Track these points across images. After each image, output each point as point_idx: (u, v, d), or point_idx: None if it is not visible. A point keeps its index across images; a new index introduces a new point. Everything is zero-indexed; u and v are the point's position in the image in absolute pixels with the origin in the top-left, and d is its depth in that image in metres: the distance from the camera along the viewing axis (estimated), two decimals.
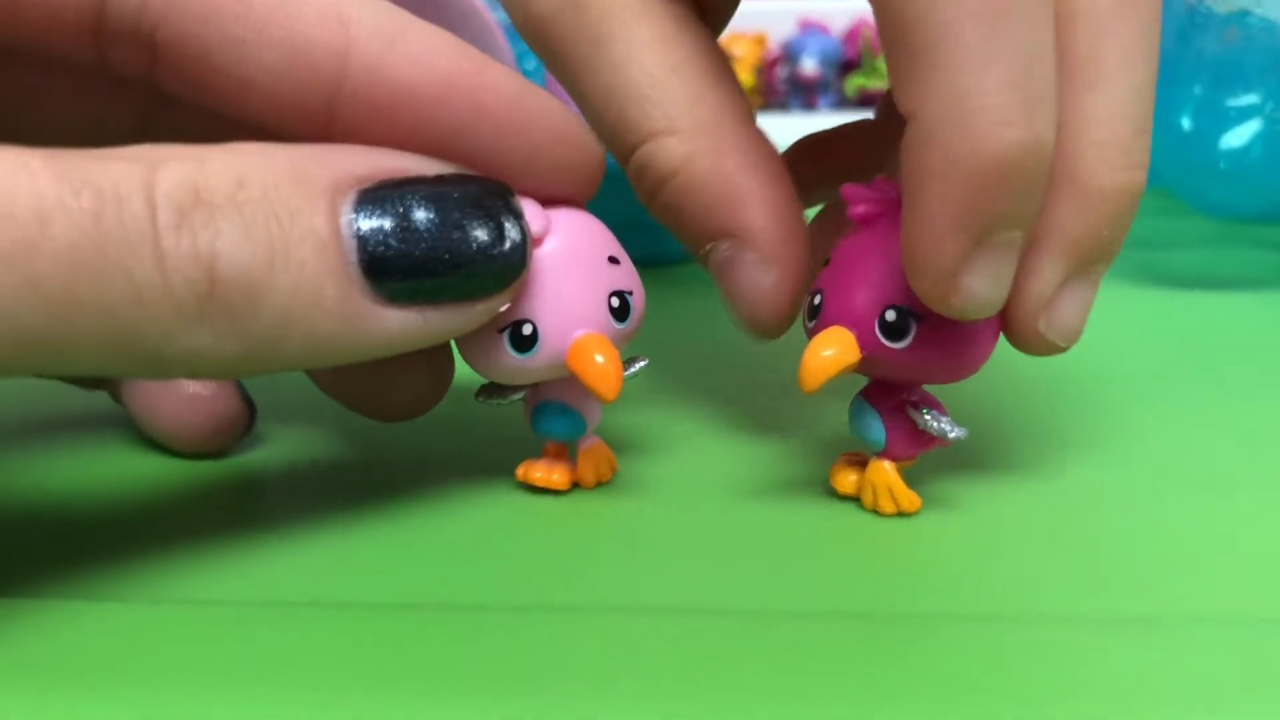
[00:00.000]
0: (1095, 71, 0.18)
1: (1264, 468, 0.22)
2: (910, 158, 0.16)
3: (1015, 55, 0.15)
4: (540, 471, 0.20)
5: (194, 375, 0.16)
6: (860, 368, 0.18)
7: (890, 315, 0.18)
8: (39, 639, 0.16)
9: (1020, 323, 0.18)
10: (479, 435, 0.23)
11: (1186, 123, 0.31)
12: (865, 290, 0.18)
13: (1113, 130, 0.18)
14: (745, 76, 0.77)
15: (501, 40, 0.40)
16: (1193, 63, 0.31)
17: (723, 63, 0.21)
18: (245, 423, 0.22)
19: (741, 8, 0.24)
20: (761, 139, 0.20)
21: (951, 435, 0.19)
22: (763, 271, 0.20)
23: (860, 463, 0.20)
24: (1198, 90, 0.31)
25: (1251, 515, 0.20)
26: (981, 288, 0.17)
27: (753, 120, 0.20)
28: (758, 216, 0.19)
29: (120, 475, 0.21)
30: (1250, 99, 0.30)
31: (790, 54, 0.80)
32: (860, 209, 0.18)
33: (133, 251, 0.14)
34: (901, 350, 0.18)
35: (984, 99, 0.15)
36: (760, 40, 0.77)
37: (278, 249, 0.15)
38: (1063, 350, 0.19)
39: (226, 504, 0.20)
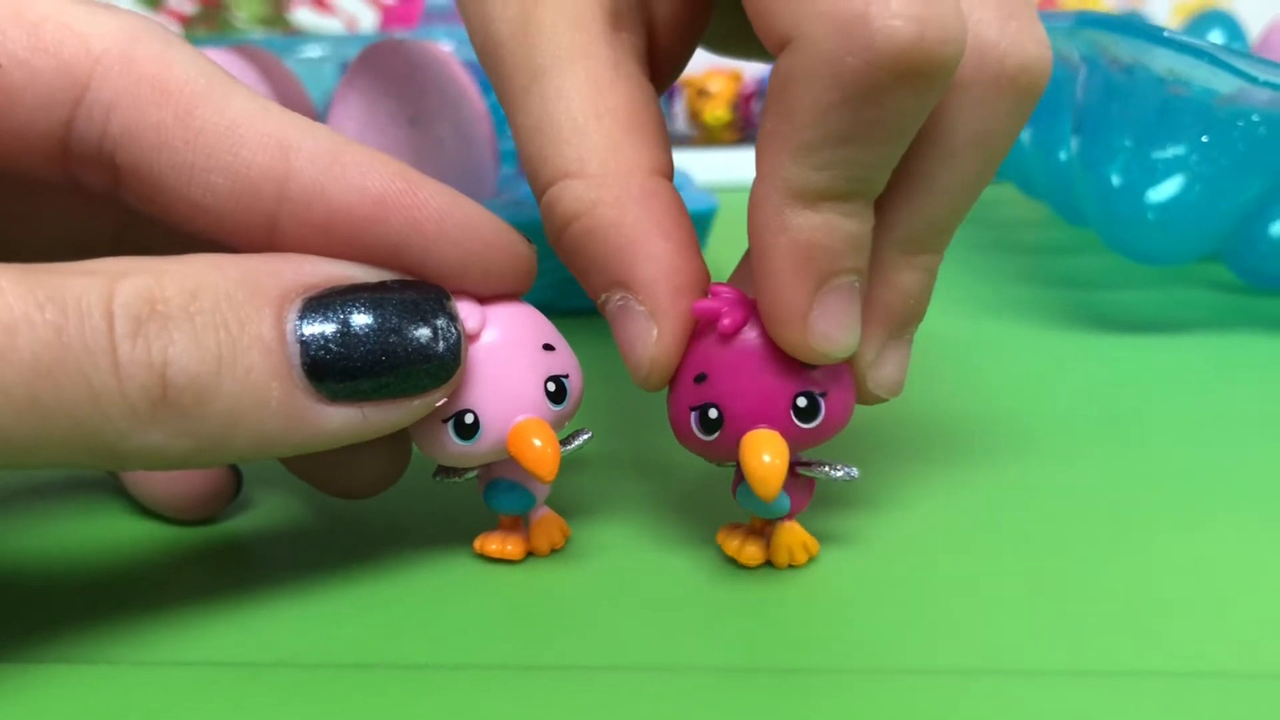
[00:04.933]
0: (925, 186, 0.20)
1: (1191, 511, 0.23)
2: (755, 212, 0.19)
3: (862, 164, 0.18)
4: (495, 544, 0.21)
5: (150, 468, 0.18)
6: None
7: (802, 402, 0.19)
8: (29, 702, 0.17)
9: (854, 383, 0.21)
10: (443, 506, 0.24)
11: (1115, 177, 0.32)
12: (771, 388, 0.19)
13: (918, 232, 0.20)
14: (721, 111, 0.79)
15: (474, 92, 0.41)
16: (1120, 118, 0.32)
17: (653, 115, 0.21)
18: (232, 491, 0.23)
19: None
20: (669, 194, 0.21)
21: (854, 475, 0.20)
22: (649, 324, 0.20)
23: (749, 532, 0.21)
24: (1127, 144, 0.32)
25: (1174, 561, 0.21)
26: (832, 327, 0.19)
27: (668, 175, 0.21)
28: (648, 270, 0.20)
29: (111, 541, 0.23)
30: (1176, 151, 0.32)
31: (764, 90, 0.82)
32: (727, 322, 0.20)
33: (92, 360, 0.16)
34: (814, 428, 0.20)
35: (821, 182, 0.18)
36: (736, 76, 0.79)
37: (225, 355, 0.17)
38: (885, 400, 0.22)
39: (211, 568, 0.22)
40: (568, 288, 0.37)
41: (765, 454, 0.19)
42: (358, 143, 0.19)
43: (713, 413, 0.20)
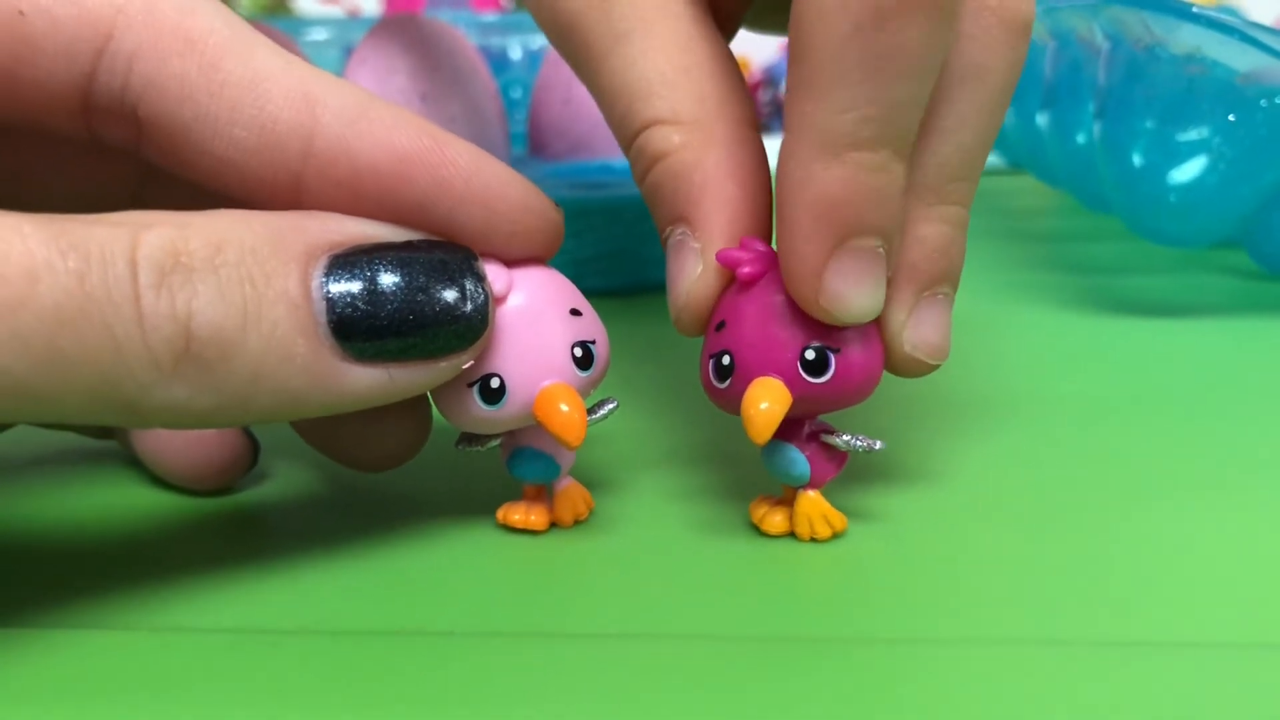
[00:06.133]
0: (929, 127, 0.20)
1: (1208, 490, 0.23)
2: (782, 165, 0.19)
3: (884, 102, 0.18)
4: (519, 514, 0.21)
5: (171, 426, 0.17)
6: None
7: (810, 354, 0.19)
8: (47, 667, 0.17)
9: (888, 345, 0.21)
10: (464, 477, 0.24)
11: (1138, 158, 0.32)
12: (780, 337, 0.19)
13: (931, 178, 0.20)
14: None
15: (484, 72, 0.41)
16: (1143, 100, 0.32)
17: (733, 67, 0.22)
18: (249, 460, 0.23)
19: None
20: (754, 145, 0.21)
21: (876, 448, 0.20)
22: (696, 260, 0.21)
23: (778, 501, 0.21)
24: (1150, 125, 0.32)
25: (1193, 538, 0.21)
26: (845, 289, 0.19)
27: (754, 126, 0.22)
28: (712, 211, 0.21)
29: (127, 510, 0.23)
30: (1199, 133, 0.31)
31: (772, 78, 0.82)
32: (747, 269, 0.20)
33: (115, 310, 0.15)
34: (824, 384, 0.19)
35: (845, 126, 0.18)
36: (743, 65, 0.79)
37: (251, 309, 0.16)
38: (933, 368, 0.21)
39: (229, 537, 0.22)
40: (585, 267, 0.36)
41: (762, 401, 0.19)
42: (383, 100, 0.19)
43: (726, 359, 0.20)
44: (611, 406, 0.21)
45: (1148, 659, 0.17)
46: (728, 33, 0.24)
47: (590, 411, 0.20)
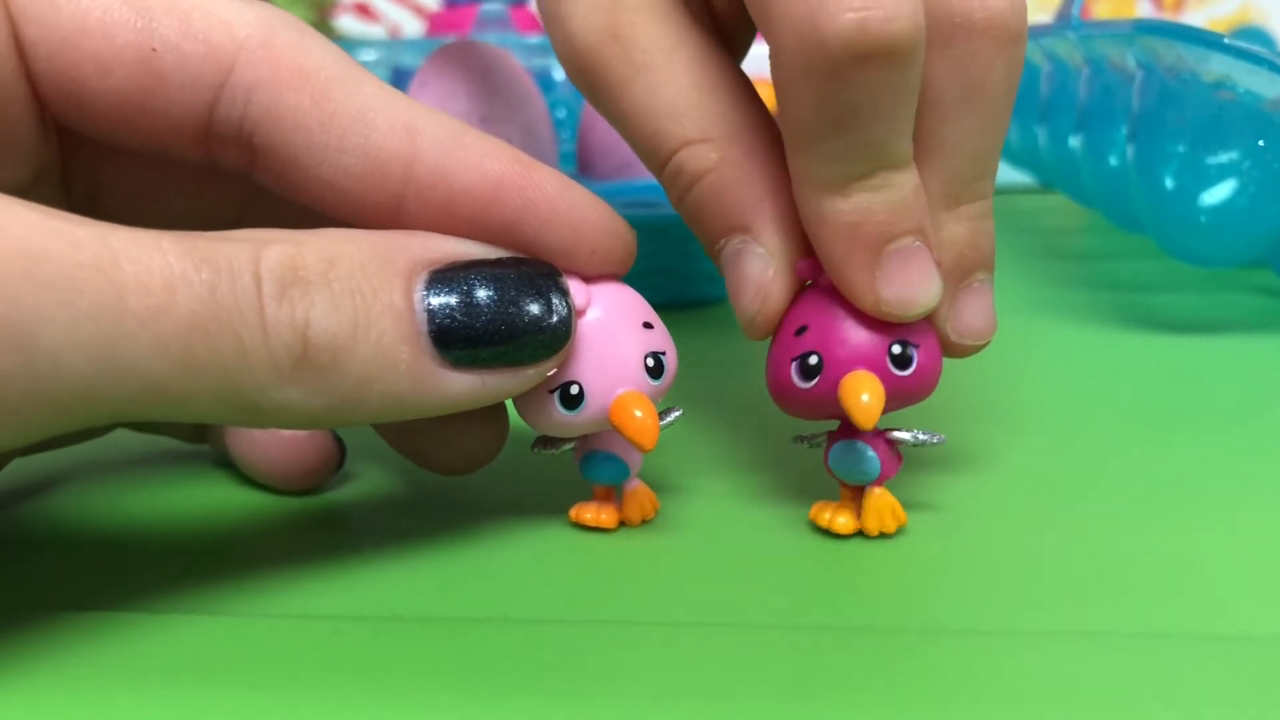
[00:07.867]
0: (936, 145, 0.21)
1: (1239, 496, 0.24)
2: (798, 205, 0.21)
3: (864, 143, 0.20)
4: (590, 513, 0.23)
5: (285, 426, 0.19)
6: None
7: (896, 349, 0.21)
8: (167, 647, 0.18)
9: (939, 334, 0.22)
10: (536, 481, 0.25)
11: (1169, 181, 0.33)
12: (867, 334, 0.21)
13: (948, 187, 0.22)
14: None
15: (537, 95, 0.42)
16: (1174, 124, 0.33)
17: (749, 87, 0.23)
18: (337, 462, 0.24)
19: (758, 55, 0.26)
20: (783, 157, 0.22)
21: (937, 441, 0.22)
22: (766, 264, 0.22)
23: (839, 504, 0.22)
24: (1181, 149, 0.33)
25: (1228, 540, 0.22)
26: (900, 288, 0.20)
27: (777, 136, 0.23)
28: (771, 217, 0.22)
29: (228, 509, 0.24)
30: (1229, 157, 0.33)
31: None
32: (825, 278, 0.21)
33: (242, 318, 0.17)
34: (909, 376, 0.21)
35: (835, 170, 0.20)
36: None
37: (361, 320, 0.18)
38: (978, 349, 0.23)
39: (321, 534, 0.23)
40: (631, 283, 0.38)
41: (864, 393, 0.20)
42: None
43: (813, 359, 0.21)
44: (677, 414, 0.23)
45: (1191, 651, 0.18)
46: (737, 56, 0.25)
47: (659, 418, 0.22)
